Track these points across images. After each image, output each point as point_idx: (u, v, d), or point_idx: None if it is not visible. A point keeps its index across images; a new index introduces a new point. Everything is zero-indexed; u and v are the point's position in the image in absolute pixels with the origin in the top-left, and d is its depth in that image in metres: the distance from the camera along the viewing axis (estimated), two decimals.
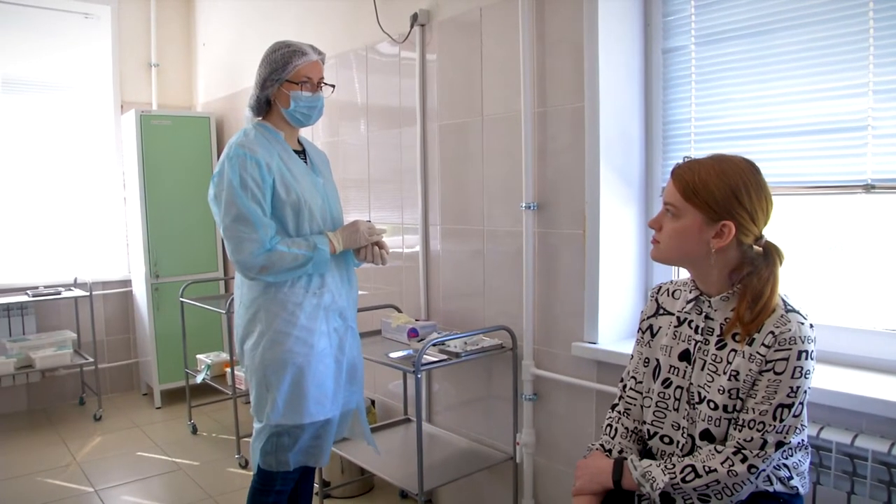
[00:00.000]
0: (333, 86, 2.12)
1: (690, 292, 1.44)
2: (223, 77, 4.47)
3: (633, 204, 2.21)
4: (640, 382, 1.52)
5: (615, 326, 2.20)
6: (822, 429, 1.59)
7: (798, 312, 1.30)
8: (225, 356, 3.91)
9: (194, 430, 3.84)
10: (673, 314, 1.48)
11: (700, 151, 2.01)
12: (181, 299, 3.79)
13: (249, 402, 2.09)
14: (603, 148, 2.10)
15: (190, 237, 4.36)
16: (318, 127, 3.41)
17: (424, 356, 2.24)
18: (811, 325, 1.30)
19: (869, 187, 1.69)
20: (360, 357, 2.18)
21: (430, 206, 2.81)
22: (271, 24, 3.82)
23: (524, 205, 2.32)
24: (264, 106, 2.03)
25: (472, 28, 2.52)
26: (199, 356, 3.93)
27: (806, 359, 1.26)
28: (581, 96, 2.14)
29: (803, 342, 1.26)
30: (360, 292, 2.59)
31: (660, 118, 2.16)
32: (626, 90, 2.15)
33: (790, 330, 1.26)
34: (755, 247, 1.33)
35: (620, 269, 2.20)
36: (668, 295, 1.52)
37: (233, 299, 2.26)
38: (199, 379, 3.75)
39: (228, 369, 3.61)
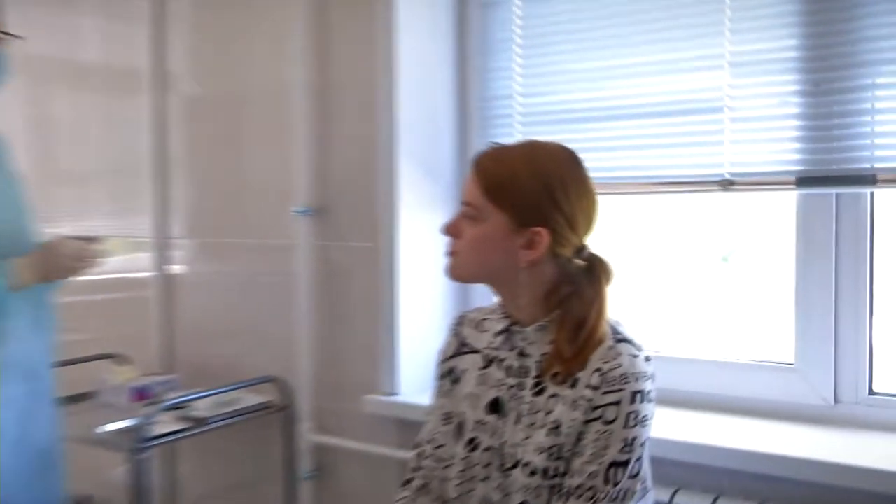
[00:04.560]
0: (20, 37, 1.74)
1: (499, 322, 1.30)
2: None
3: (442, 205, 2.01)
4: (442, 446, 1.35)
5: (420, 371, 1.94)
6: (676, 492, 1.48)
7: (631, 343, 1.20)
8: None
9: None
10: (479, 352, 1.33)
11: (528, 136, 1.91)
12: None
13: None
14: (402, 134, 1.91)
15: None
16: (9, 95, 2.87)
17: (155, 426, 1.88)
18: (647, 359, 1.20)
19: (727, 183, 1.58)
20: (57, 435, 1.83)
21: (171, 211, 2.41)
22: None
23: (298, 209, 2.03)
24: None
25: None
26: None
27: (641, 401, 1.16)
28: (374, 65, 1.92)
29: (637, 380, 1.16)
30: (64, 338, 2.06)
31: (476, 93, 2.02)
32: (432, 58, 1.97)
33: (621, 365, 1.16)
34: (576, 261, 1.21)
35: (426, 295, 1.99)
36: (474, 327, 1.37)
37: None
38: None
39: None
